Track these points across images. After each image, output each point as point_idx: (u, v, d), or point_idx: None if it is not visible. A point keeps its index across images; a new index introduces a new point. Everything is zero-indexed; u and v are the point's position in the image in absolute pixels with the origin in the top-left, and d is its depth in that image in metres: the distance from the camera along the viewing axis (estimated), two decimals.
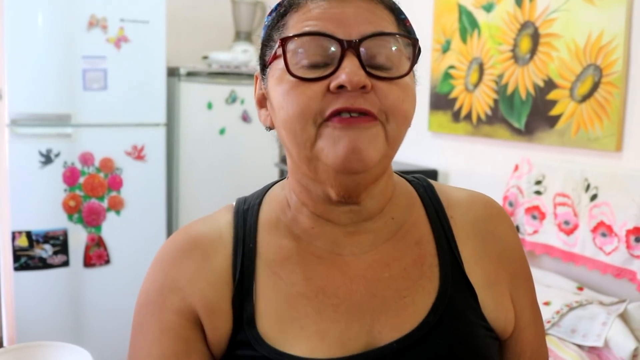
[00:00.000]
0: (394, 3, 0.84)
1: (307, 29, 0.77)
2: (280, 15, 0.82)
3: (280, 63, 0.78)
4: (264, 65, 0.84)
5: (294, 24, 0.79)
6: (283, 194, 0.89)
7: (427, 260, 0.85)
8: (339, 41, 0.75)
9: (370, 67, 0.76)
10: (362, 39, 0.75)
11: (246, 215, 0.88)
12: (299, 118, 0.75)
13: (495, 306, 0.85)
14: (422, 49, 0.83)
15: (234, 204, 0.91)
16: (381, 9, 0.80)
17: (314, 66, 0.76)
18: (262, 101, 0.87)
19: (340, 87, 0.74)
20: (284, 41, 0.77)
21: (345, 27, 0.76)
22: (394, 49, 0.78)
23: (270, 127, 0.86)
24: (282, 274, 0.82)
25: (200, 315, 0.81)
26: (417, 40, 0.80)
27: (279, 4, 0.84)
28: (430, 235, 0.88)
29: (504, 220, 0.93)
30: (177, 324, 0.81)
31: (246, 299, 0.81)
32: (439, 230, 0.88)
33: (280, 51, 0.77)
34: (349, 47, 0.75)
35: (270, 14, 0.85)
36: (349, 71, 0.73)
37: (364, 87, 0.74)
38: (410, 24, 0.85)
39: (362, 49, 0.75)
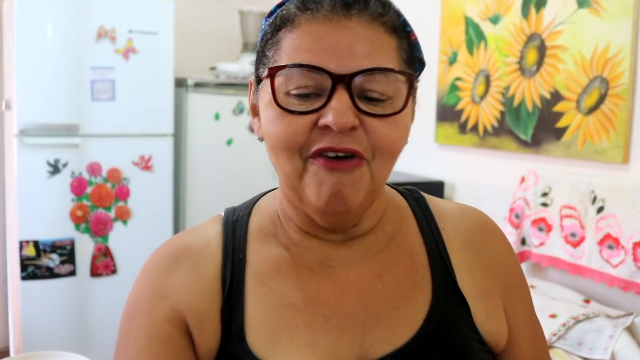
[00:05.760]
0: (398, 18, 0.78)
1: (299, 59, 0.73)
2: (275, 29, 0.79)
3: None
4: (258, 78, 0.83)
5: (287, 49, 0.75)
6: (274, 204, 0.88)
7: (420, 272, 0.84)
8: (330, 75, 0.72)
9: (362, 102, 0.73)
10: (355, 74, 0.72)
11: (235, 226, 0.86)
12: (285, 150, 0.74)
13: (488, 319, 0.84)
14: (427, 66, 0.80)
15: (223, 214, 0.90)
16: (381, 33, 0.75)
17: (304, 96, 0.74)
18: (256, 109, 0.85)
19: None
20: (273, 71, 0.74)
21: (339, 60, 0.72)
22: (389, 81, 0.74)
23: (262, 138, 0.83)
24: (271, 285, 0.81)
25: (189, 325, 0.79)
26: (412, 75, 0.76)
27: (275, 14, 0.80)
28: (422, 247, 0.86)
29: (495, 233, 0.92)
30: (166, 332, 0.78)
31: (235, 309, 0.79)
32: (430, 242, 0.87)
33: (270, 78, 0.75)
34: (341, 81, 0.72)
35: (267, 17, 0.82)
36: (336, 113, 0.71)
37: (352, 127, 0.72)
38: (415, 38, 0.81)
39: (355, 81, 0.72)
